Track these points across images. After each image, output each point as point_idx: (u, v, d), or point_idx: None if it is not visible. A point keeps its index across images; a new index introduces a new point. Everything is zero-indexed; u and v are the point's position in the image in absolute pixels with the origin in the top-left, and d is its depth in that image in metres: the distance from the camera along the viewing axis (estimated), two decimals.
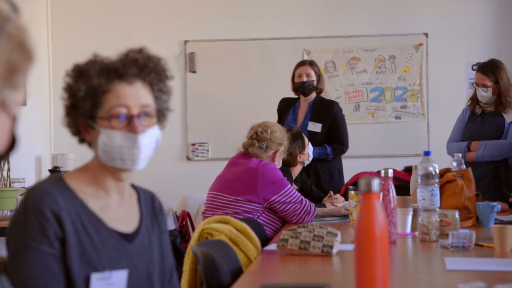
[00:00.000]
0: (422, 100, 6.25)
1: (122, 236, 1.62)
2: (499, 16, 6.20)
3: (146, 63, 1.63)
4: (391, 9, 6.29)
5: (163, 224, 1.76)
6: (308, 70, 5.07)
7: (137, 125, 1.58)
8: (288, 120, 5.08)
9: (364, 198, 1.52)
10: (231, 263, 2.23)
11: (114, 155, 1.59)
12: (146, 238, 1.67)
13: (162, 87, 1.67)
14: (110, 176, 1.63)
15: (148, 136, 1.61)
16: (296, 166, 4.30)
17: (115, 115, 1.58)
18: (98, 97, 1.59)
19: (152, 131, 1.62)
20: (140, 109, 1.60)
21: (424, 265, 2.35)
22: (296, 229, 2.39)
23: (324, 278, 2.04)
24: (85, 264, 1.54)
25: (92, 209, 1.60)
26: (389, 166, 3.41)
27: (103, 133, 1.59)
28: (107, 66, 1.61)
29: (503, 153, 4.37)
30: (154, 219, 1.73)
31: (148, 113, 1.61)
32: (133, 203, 1.71)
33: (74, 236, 1.54)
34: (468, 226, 3.13)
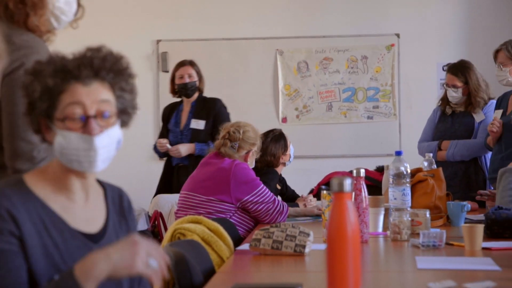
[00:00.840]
0: (394, 100, 6.30)
1: (87, 236, 1.60)
2: (469, 17, 6.28)
3: (102, 63, 1.59)
4: (364, 10, 6.33)
5: (132, 221, 1.73)
6: (190, 70, 4.98)
7: (93, 127, 1.55)
8: (171, 124, 5.03)
9: (336, 198, 1.53)
10: (203, 263, 2.23)
11: (70, 157, 1.56)
12: (113, 237, 1.65)
13: (124, 86, 1.63)
14: (72, 175, 1.60)
15: (106, 137, 1.57)
16: (278, 167, 4.31)
17: (70, 116, 1.55)
18: (54, 98, 1.56)
19: (110, 132, 1.59)
20: (97, 109, 1.57)
21: (395, 264, 2.37)
22: (268, 229, 2.40)
23: (296, 277, 2.05)
24: (50, 265, 1.52)
25: (54, 210, 1.57)
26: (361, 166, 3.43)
27: (59, 135, 1.56)
28: (62, 67, 1.57)
29: (473, 153, 4.42)
30: (122, 217, 1.71)
31: (106, 113, 1.58)
32: (99, 200, 1.68)
33: (37, 237, 1.52)
34: (438, 225, 3.16)
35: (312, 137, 6.32)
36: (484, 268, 2.05)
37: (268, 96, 6.35)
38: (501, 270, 2.01)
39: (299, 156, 6.10)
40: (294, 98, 6.34)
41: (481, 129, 4.40)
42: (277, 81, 6.34)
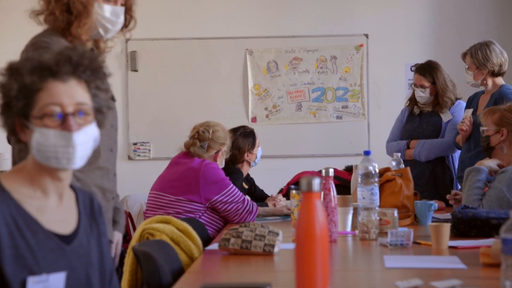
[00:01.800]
0: (362, 100, 6.34)
1: (60, 238, 1.59)
2: (437, 18, 6.34)
3: (80, 60, 1.60)
4: (333, 10, 6.36)
5: (102, 225, 1.73)
6: None
7: (72, 123, 1.55)
8: None
9: (304, 197, 1.54)
10: (172, 263, 2.22)
11: (48, 154, 1.56)
12: (84, 240, 1.65)
13: (99, 84, 1.63)
14: (47, 176, 1.59)
15: (83, 134, 1.58)
16: (243, 165, 4.31)
17: (48, 114, 1.55)
18: (31, 96, 1.56)
19: (88, 130, 1.59)
20: (75, 107, 1.57)
21: (363, 263, 2.38)
22: (237, 228, 2.40)
23: (265, 277, 2.05)
24: (21, 267, 1.51)
25: (28, 210, 1.56)
26: (331, 165, 3.45)
27: (37, 132, 1.55)
28: (40, 63, 1.57)
29: (440, 152, 4.47)
30: (92, 220, 1.70)
31: (84, 111, 1.58)
32: (71, 204, 1.68)
33: (8, 239, 1.50)
34: (406, 224, 3.19)
35: (281, 136, 6.33)
36: (450, 267, 2.08)
37: (238, 95, 6.35)
38: (467, 269, 2.03)
39: (268, 156, 6.11)
40: (264, 98, 6.34)
41: (449, 129, 4.45)
42: (247, 80, 6.34)
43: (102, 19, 2.27)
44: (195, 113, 5.85)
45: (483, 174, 3.31)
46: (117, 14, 2.32)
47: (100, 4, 2.25)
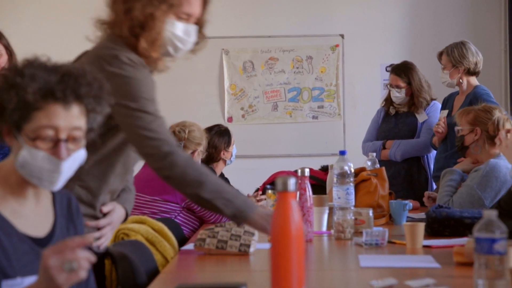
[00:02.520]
0: (338, 101, 6.37)
1: (34, 241, 1.58)
2: (412, 19, 6.38)
3: (88, 90, 1.56)
4: (309, 11, 6.37)
5: (80, 226, 1.72)
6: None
7: (62, 151, 1.52)
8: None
9: (280, 197, 1.54)
10: (147, 263, 2.21)
11: (32, 174, 1.54)
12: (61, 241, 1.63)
13: (99, 110, 1.61)
14: (26, 183, 1.58)
15: (72, 161, 1.56)
16: (218, 164, 4.30)
17: (42, 136, 1.52)
18: (28, 112, 1.52)
19: (77, 155, 1.57)
20: (69, 132, 1.54)
21: (339, 263, 2.39)
22: (213, 228, 2.39)
23: (241, 277, 2.05)
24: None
25: (3, 214, 1.55)
26: (306, 165, 3.46)
27: (26, 150, 1.52)
28: (46, 84, 1.52)
29: (416, 152, 4.50)
30: (70, 221, 1.69)
31: (78, 137, 1.56)
32: (48, 205, 1.66)
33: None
34: (381, 224, 3.20)
35: (257, 136, 6.33)
36: (424, 266, 2.09)
37: (214, 95, 6.35)
38: (441, 268, 2.05)
39: (244, 156, 6.11)
40: (240, 98, 6.34)
41: (424, 129, 4.49)
42: (223, 80, 6.34)
43: (173, 37, 2.16)
44: (171, 113, 5.78)
45: (456, 174, 3.38)
46: (189, 33, 2.20)
47: (173, 21, 2.12)
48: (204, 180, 2.04)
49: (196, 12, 2.19)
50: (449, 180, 3.37)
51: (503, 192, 3.15)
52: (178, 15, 2.13)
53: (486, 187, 3.19)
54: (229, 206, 2.04)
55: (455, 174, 3.39)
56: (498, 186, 3.19)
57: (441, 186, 3.41)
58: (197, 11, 2.19)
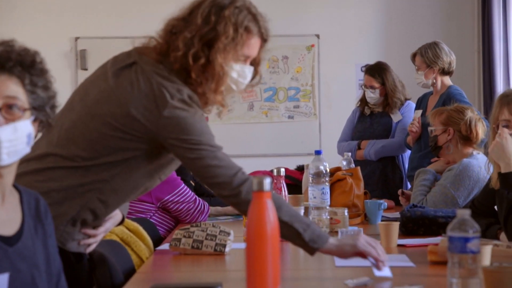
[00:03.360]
0: (314, 100, 6.39)
1: (2, 239, 1.56)
2: (386, 20, 6.42)
3: (8, 55, 1.53)
4: (284, 11, 6.38)
5: (49, 226, 1.70)
6: None
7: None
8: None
9: (255, 197, 1.54)
10: (123, 263, 2.20)
11: None
12: (29, 241, 1.61)
13: (37, 81, 1.58)
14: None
15: (10, 130, 1.51)
16: None
17: None
18: None
19: (18, 125, 1.52)
20: (3, 103, 1.52)
21: (314, 262, 2.39)
22: (189, 228, 2.39)
23: (216, 277, 2.05)
24: None
25: None
26: (282, 165, 3.47)
27: None
28: None
29: (390, 152, 4.53)
30: (38, 221, 1.67)
31: (15, 106, 1.52)
32: (15, 204, 1.64)
33: None
34: (356, 223, 3.22)
35: (233, 136, 6.33)
36: (399, 265, 2.11)
37: None
38: (415, 266, 2.06)
39: None
40: None
41: (398, 129, 4.52)
42: None
43: (230, 80, 2.05)
44: None
45: (429, 174, 3.42)
46: (246, 75, 2.10)
47: (231, 64, 2.02)
48: (281, 203, 1.96)
49: (254, 54, 2.11)
50: (423, 180, 3.41)
51: (476, 191, 3.18)
52: (237, 58, 2.04)
53: (460, 186, 3.22)
54: (307, 230, 1.96)
55: (428, 174, 3.43)
56: (471, 185, 3.22)
57: (415, 185, 3.44)
58: (255, 53, 2.11)
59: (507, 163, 2.45)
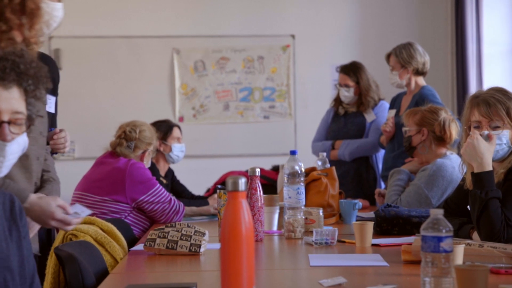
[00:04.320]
0: (289, 101, 6.40)
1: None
2: (361, 20, 6.46)
3: (27, 69, 1.54)
4: (260, 11, 6.39)
5: (23, 227, 1.68)
6: None
7: (7, 133, 1.50)
8: None
9: (230, 197, 1.54)
10: (96, 264, 2.18)
11: None
12: (3, 244, 1.60)
13: (38, 94, 1.59)
14: None
15: (16, 144, 1.54)
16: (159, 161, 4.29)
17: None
18: None
19: (20, 140, 1.55)
20: (11, 116, 1.52)
21: (289, 262, 2.40)
22: (163, 228, 2.38)
23: (191, 277, 2.04)
24: None
25: None
26: (258, 165, 3.47)
27: None
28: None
29: (364, 152, 4.56)
30: (12, 223, 1.65)
31: (19, 122, 1.54)
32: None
33: None
34: (331, 223, 3.23)
35: (209, 136, 6.32)
36: (373, 264, 2.12)
37: (165, 95, 6.31)
38: (389, 266, 2.07)
39: (195, 156, 6.09)
40: (191, 97, 6.32)
41: (372, 129, 4.55)
42: (174, 80, 6.31)
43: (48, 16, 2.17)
44: (121, 112, 5.78)
45: (403, 174, 3.45)
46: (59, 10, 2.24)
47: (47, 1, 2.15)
48: None
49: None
50: (397, 180, 3.43)
51: (450, 191, 3.21)
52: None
53: (433, 187, 3.25)
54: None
55: (402, 174, 3.46)
56: (444, 185, 3.25)
57: (389, 185, 3.46)
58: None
59: (479, 163, 2.47)
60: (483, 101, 2.56)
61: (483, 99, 2.57)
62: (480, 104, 2.57)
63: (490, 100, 2.54)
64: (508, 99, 2.55)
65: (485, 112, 2.54)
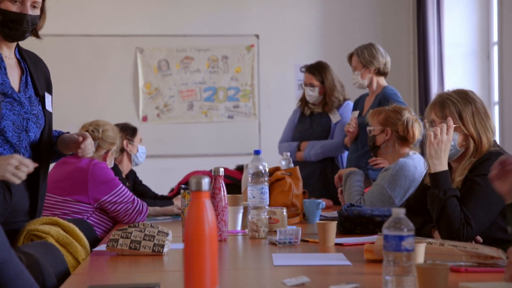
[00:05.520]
0: (253, 100, 6.41)
1: None
2: (325, 21, 6.49)
3: None
4: (224, 10, 6.39)
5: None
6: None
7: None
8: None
9: (194, 197, 1.54)
10: (57, 265, 2.16)
11: None
12: None
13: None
14: None
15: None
16: (123, 161, 4.26)
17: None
18: None
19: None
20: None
21: (252, 262, 2.40)
22: (126, 228, 2.36)
23: (154, 277, 2.03)
24: None
25: None
26: (222, 165, 3.47)
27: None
28: None
29: (330, 152, 4.58)
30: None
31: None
32: None
33: None
34: (295, 222, 3.24)
35: (173, 136, 6.30)
36: (336, 263, 2.13)
37: (128, 94, 6.27)
38: (352, 265, 2.09)
39: (159, 155, 6.07)
40: (155, 97, 6.29)
41: (337, 130, 4.58)
42: (137, 79, 6.27)
43: None
44: (83, 112, 5.72)
45: (358, 175, 3.49)
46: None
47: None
48: None
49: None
50: (357, 181, 3.47)
51: (412, 190, 3.24)
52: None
53: (396, 186, 3.28)
54: None
55: (358, 174, 3.51)
56: (407, 185, 3.28)
57: (349, 186, 3.48)
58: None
59: (436, 163, 2.51)
60: (439, 101, 2.64)
61: (439, 100, 2.64)
62: (436, 105, 2.64)
63: (446, 102, 2.61)
64: (464, 103, 2.59)
65: (439, 113, 2.61)
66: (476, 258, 2.00)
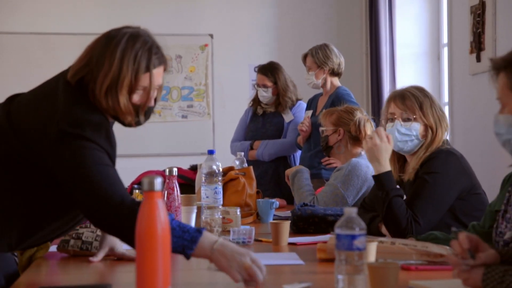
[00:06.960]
0: (207, 100, 6.39)
1: None
2: (279, 21, 6.52)
3: None
4: (178, 9, 6.36)
5: None
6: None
7: None
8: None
9: (146, 197, 1.53)
10: (6, 266, 2.12)
11: None
12: None
13: None
14: None
15: None
16: None
17: None
18: None
19: None
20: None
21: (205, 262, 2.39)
22: (78, 229, 2.33)
23: (106, 278, 2.01)
24: None
25: None
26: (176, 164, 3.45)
27: None
28: None
29: (282, 151, 4.60)
30: None
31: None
32: None
33: None
34: (248, 222, 3.25)
35: (126, 135, 6.17)
36: (289, 263, 2.14)
37: None
38: (304, 264, 2.10)
39: None
40: None
41: (290, 129, 4.60)
42: None
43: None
44: None
45: (305, 173, 3.51)
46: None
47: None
48: None
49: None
50: (306, 180, 3.49)
51: (365, 189, 3.28)
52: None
53: (349, 186, 3.31)
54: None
55: (305, 173, 3.53)
56: (359, 184, 3.32)
57: (299, 186, 3.49)
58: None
59: (377, 165, 2.55)
60: (399, 94, 2.70)
61: (399, 93, 2.72)
62: (396, 97, 2.70)
63: (406, 94, 2.68)
64: (423, 96, 2.68)
65: (400, 104, 2.66)
66: (426, 256, 2.03)
